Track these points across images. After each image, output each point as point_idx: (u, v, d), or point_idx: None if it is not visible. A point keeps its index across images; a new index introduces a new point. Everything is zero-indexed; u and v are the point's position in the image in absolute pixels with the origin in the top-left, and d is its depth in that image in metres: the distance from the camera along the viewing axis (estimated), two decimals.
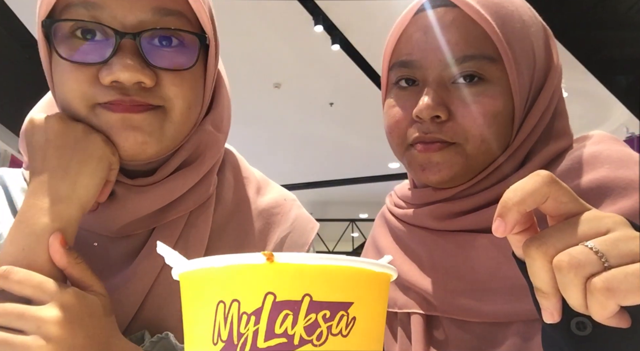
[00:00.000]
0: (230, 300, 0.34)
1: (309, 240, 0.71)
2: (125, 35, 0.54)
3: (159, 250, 0.42)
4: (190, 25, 0.58)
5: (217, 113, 0.66)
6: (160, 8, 0.55)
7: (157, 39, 0.56)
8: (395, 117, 0.68)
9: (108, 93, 0.55)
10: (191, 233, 0.63)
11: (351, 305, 0.35)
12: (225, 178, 0.69)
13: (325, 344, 0.34)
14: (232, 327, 0.34)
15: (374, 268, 0.37)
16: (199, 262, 0.36)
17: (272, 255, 0.34)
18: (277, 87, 5.92)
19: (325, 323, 0.34)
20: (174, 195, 0.61)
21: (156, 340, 0.58)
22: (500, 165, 0.66)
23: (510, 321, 0.60)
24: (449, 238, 0.67)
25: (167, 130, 0.58)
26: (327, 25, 4.78)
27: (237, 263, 0.35)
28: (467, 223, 0.66)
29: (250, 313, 0.34)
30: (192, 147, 0.63)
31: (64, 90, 0.56)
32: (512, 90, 0.64)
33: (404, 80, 0.68)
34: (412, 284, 0.68)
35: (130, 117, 0.55)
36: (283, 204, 0.72)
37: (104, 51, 0.54)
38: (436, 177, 0.65)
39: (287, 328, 0.33)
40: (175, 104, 0.57)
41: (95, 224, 0.61)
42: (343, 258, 0.35)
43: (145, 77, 0.54)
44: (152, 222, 0.62)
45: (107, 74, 0.54)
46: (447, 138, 0.64)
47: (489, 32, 0.63)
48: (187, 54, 0.58)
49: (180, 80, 0.57)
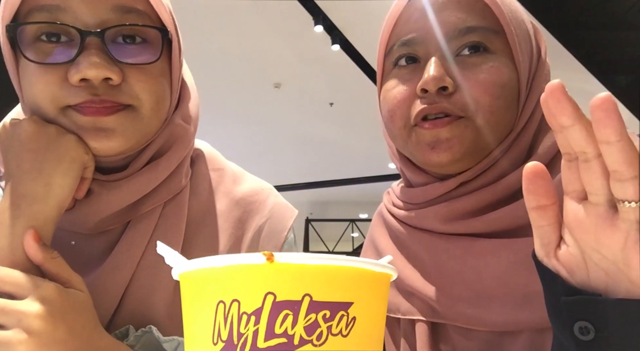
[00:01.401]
0: (230, 300, 0.34)
1: (287, 226, 0.72)
2: (89, 34, 0.55)
3: (159, 250, 0.42)
4: (151, 21, 0.59)
5: (184, 106, 0.67)
6: (120, 6, 0.57)
7: (121, 37, 0.58)
8: (397, 97, 0.64)
9: (78, 94, 0.56)
10: (167, 224, 0.64)
11: (351, 305, 0.35)
12: (199, 170, 0.71)
13: (325, 344, 0.34)
14: (232, 327, 0.34)
15: (374, 268, 0.37)
16: (199, 262, 0.36)
17: (272, 255, 0.34)
18: (277, 87, 5.92)
19: (325, 323, 0.34)
20: (147, 188, 0.62)
21: (140, 334, 0.58)
22: (506, 151, 0.63)
23: (519, 331, 0.58)
24: (454, 243, 0.64)
25: (138, 127, 0.59)
26: (327, 25, 4.78)
27: (237, 263, 0.35)
28: (475, 226, 0.63)
29: (250, 313, 0.34)
30: (162, 140, 0.64)
31: (33, 93, 0.57)
32: (516, 62, 0.62)
33: (404, 59, 0.65)
34: (416, 290, 0.66)
35: (100, 120, 0.57)
36: (260, 192, 0.73)
37: (70, 51, 0.55)
38: (447, 154, 0.61)
39: (287, 328, 0.33)
40: (144, 100, 0.58)
41: (71, 222, 0.61)
42: (343, 258, 0.35)
43: (113, 73, 0.55)
44: (127, 216, 0.63)
45: (75, 72, 0.54)
46: (455, 110, 0.61)
47: (491, 5, 0.62)
48: (151, 49, 0.59)
49: (146, 75, 0.58)
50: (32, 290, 0.49)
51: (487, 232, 0.62)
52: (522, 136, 0.64)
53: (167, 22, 0.60)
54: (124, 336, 0.59)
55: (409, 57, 0.65)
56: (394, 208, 0.73)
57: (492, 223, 0.61)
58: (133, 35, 0.58)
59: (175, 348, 0.59)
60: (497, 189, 0.63)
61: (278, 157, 7.81)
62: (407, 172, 0.70)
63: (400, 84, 0.64)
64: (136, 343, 0.58)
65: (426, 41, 0.63)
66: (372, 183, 7.99)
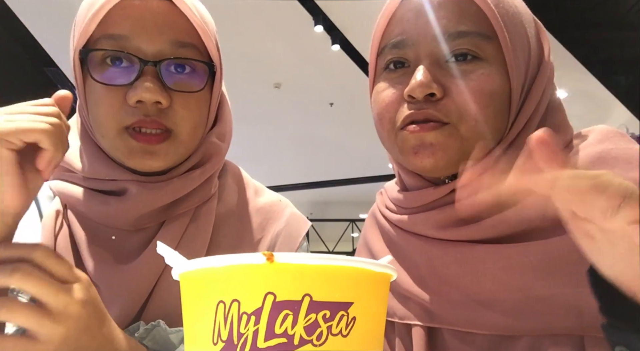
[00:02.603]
0: (230, 300, 0.34)
1: (301, 234, 0.80)
2: (147, 62, 0.64)
3: (159, 250, 0.42)
4: (200, 55, 0.68)
5: (220, 127, 0.76)
6: (176, 41, 0.66)
7: (173, 66, 0.66)
8: (385, 100, 0.64)
9: (134, 114, 0.64)
10: (197, 226, 0.71)
11: (351, 305, 0.35)
12: (227, 182, 0.79)
13: (325, 344, 0.34)
14: (232, 327, 0.34)
15: (374, 268, 0.37)
16: (199, 262, 0.36)
17: (272, 255, 0.34)
18: (277, 87, 5.92)
19: (325, 323, 0.34)
20: (180, 193, 0.70)
21: (150, 328, 0.62)
22: (502, 156, 0.61)
23: (518, 336, 0.57)
24: (450, 248, 0.63)
25: (176, 151, 0.68)
26: (327, 25, 4.78)
27: (237, 263, 0.35)
28: (470, 233, 0.61)
29: (250, 313, 0.34)
30: (199, 156, 0.72)
31: (97, 111, 0.65)
32: (509, 69, 0.61)
33: (393, 64, 0.64)
34: (412, 294, 0.65)
35: (148, 147, 0.65)
36: (279, 204, 0.82)
37: (130, 75, 0.64)
38: (430, 160, 0.60)
39: (287, 328, 0.33)
40: (183, 127, 0.67)
41: (110, 218, 0.68)
42: (343, 258, 0.35)
43: (163, 98, 0.64)
44: (162, 216, 0.70)
45: (132, 95, 0.63)
46: (441, 116, 0.60)
47: (484, 9, 0.60)
48: (197, 79, 0.68)
49: (189, 102, 0.67)
50: (78, 278, 0.51)
51: (482, 238, 0.61)
52: (518, 140, 0.63)
53: (214, 56, 0.70)
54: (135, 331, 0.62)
55: (398, 61, 0.64)
56: (386, 211, 0.72)
57: (487, 231, 0.60)
58: (183, 65, 0.67)
59: (182, 339, 0.62)
60: None
61: (278, 157, 7.81)
62: (403, 174, 0.70)
63: (390, 87, 0.64)
64: (146, 335, 0.61)
65: (416, 44, 0.62)
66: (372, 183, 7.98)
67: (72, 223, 0.69)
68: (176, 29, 0.66)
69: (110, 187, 0.69)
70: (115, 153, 0.66)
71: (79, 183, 0.70)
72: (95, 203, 0.68)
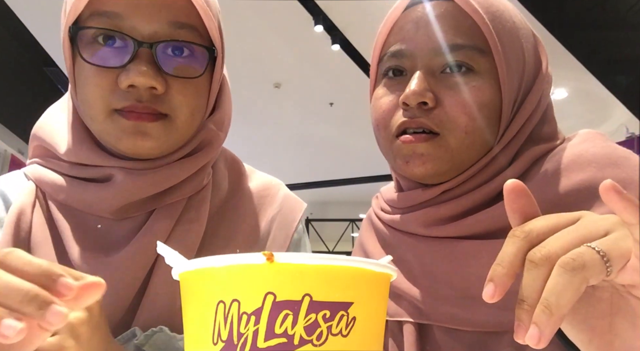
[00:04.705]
0: (230, 300, 0.34)
1: (297, 217, 0.77)
2: (142, 44, 0.59)
3: (158, 250, 0.42)
4: (201, 38, 0.63)
5: (219, 114, 0.71)
6: (175, 21, 0.60)
7: (170, 49, 0.61)
8: (382, 107, 0.67)
9: (125, 98, 0.59)
10: (189, 217, 0.67)
11: (351, 305, 0.35)
12: (219, 169, 0.75)
13: (325, 344, 0.34)
14: (232, 327, 0.34)
15: (374, 268, 0.37)
16: (198, 261, 0.36)
17: (272, 255, 0.34)
18: (277, 87, 5.92)
19: (325, 323, 0.34)
20: (170, 182, 0.65)
21: (150, 334, 0.59)
22: (486, 165, 0.65)
23: (503, 331, 0.59)
24: (438, 245, 0.65)
25: (171, 135, 0.63)
26: (327, 25, 4.77)
27: (237, 263, 0.35)
28: (455, 229, 0.64)
29: (250, 313, 0.34)
30: (194, 144, 0.68)
31: (86, 92, 0.61)
32: (501, 83, 0.63)
33: (391, 71, 0.67)
34: (403, 292, 0.67)
35: (141, 125, 0.61)
36: (271, 187, 0.78)
37: (123, 57, 0.59)
38: (420, 169, 0.63)
39: (287, 328, 0.33)
40: (179, 113, 0.62)
41: (90, 205, 0.64)
42: (343, 258, 0.35)
43: (158, 83, 0.59)
44: (150, 205, 0.66)
45: (125, 78, 0.58)
46: (432, 125, 0.63)
47: (480, 24, 0.63)
48: (196, 64, 0.63)
49: (187, 88, 0.62)
50: None
51: (467, 235, 0.63)
52: (507, 149, 0.65)
53: (215, 39, 0.64)
54: (130, 338, 0.60)
55: (396, 69, 0.67)
56: (381, 212, 0.75)
57: (470, 227, 0.62)
58: (182, 47, 0.62)
59: None
60: (475, 196, 0.64)
61: (278, 157, 7.81)
62: (398, 177, 0.73)
63: (387, 94, 0.67)
64: (145, 342, 0.59)
65: (414, 54, 0.65)
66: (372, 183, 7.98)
67: (53, 212, 0.65)
68: (175, 8, 0.61)
69: (93, 174, 0.65)
70: (106, 138, 0.62)
71: (59, 170, 0.66)
72: (74, 191, 0.64)
